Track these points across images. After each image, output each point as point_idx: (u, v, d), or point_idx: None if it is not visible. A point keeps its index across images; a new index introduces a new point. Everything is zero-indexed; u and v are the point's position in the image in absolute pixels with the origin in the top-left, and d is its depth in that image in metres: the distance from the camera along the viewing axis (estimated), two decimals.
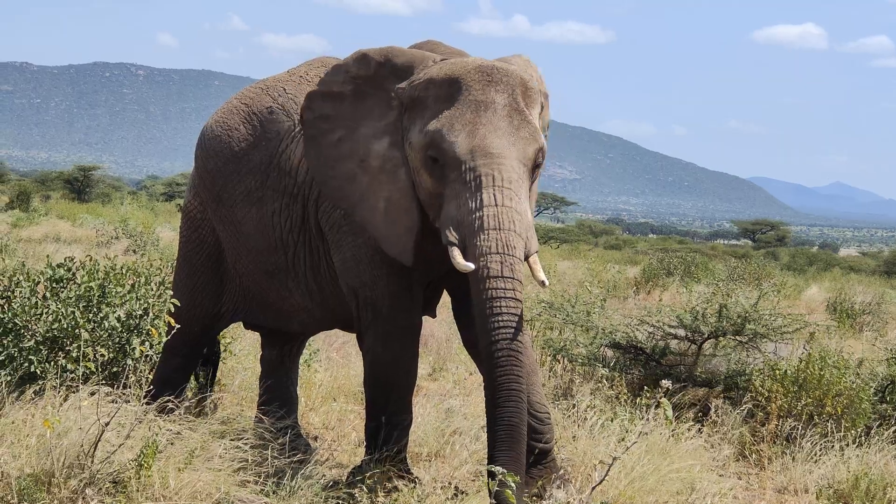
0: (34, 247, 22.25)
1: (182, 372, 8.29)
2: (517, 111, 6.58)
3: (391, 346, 7.18)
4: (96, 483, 6.29)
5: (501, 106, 6.55)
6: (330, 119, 7.19)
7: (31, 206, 37.82)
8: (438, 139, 6.52)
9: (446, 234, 6.48)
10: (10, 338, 8.16)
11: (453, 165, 6.48)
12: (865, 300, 21.83)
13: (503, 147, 6.46)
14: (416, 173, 6.76)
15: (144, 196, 57.48)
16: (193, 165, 8.30)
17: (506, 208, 6.35)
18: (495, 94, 6.56)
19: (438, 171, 6.58)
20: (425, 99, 6.69)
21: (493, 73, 6.61)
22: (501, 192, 6.36)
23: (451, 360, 12.09)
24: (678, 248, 51.65)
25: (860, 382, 9.34)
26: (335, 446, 8.66)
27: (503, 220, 6.33)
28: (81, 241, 26.15)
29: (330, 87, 7.23)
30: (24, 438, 6.73)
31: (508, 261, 6.29)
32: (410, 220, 6.85)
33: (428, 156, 6.59)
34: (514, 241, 6.33)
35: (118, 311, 8.35)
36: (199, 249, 8.18)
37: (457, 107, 6.54)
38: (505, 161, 6.43)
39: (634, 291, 23.69)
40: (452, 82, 6.60)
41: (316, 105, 7.23)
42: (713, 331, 10.39)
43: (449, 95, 6.59)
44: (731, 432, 9.11)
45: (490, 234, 6.30)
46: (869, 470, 8.09)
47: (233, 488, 6.67)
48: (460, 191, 6.45)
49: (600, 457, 7.46)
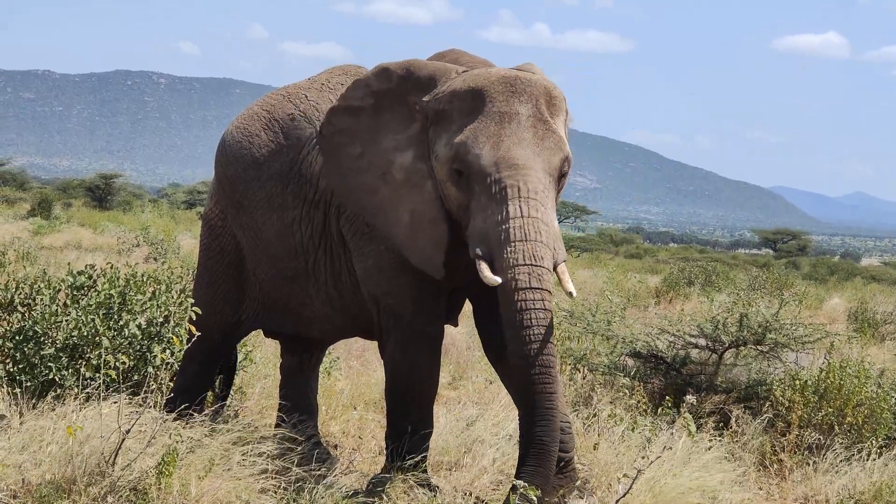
0: (55, 254, 22.34)
1: (202, 379, 8.28)
2: (541, 121, 6.55)
3: (412, 355, 7.15)
4: (117, 490, 6.30)
5: (525, 116, 6.52)
6: (349, 133, 7.17)
7: (53, 213, 37.97)
8: (463, 152, 6.50)
9: (473, 247, 6.46)
10: (30, 345, 8.18)
11: (478, 178, 6.46)
12: (887, 310, 21.74)
13: (528, 158, 6.43)
14: (443, 186, 6.74)
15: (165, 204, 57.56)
16: (214, 173, 8.30)
17: (532, 219, 6.32)
18: (519, 105, 6.53)
19: (464, 184, 6.56)
20: (450, 112, 6.67)
21: (517, 83, 6.57)
22: (527, 202, 6.34)
23: (472, 368, 12.08)
24: (699, 257, 51.55)
25: (881, 392, 9.30)
26: (355, 455, 8.66)
27: (529, 231, 6.30)
28: (102, 248, 26.24)
29: (350, 102, 7.21)
30: (45, 446, 6.75)
31: (537, 272, 6.26)
32: (439, 233, 6.83)
33: (453, 168, 6.58)
34: (541, 252, 6.30)
35: (139, 319, 8.36)
36: (220, 258, 8.19)
37: (481, 119, 6.52)
38: (530, 172, 6.40)
39: (655, 301, 23.67)
40: (476, 94, 6.57)
41: (336, 119, 7.22)
42: (734, 340, 10.35)
43: (473, 107, 6.56)
44: (752, 442, 9.08)
45: (517, 246, 6.27)
46: (891, 480, 8.05)
47: (253, 496, 6.67)
48: (486, 203, 6.43)
49: (622, 468, 7.44)
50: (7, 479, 6.45)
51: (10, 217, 36.32)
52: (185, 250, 25.50)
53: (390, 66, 7.13)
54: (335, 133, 7.20)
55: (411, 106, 6.96)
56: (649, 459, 6.92)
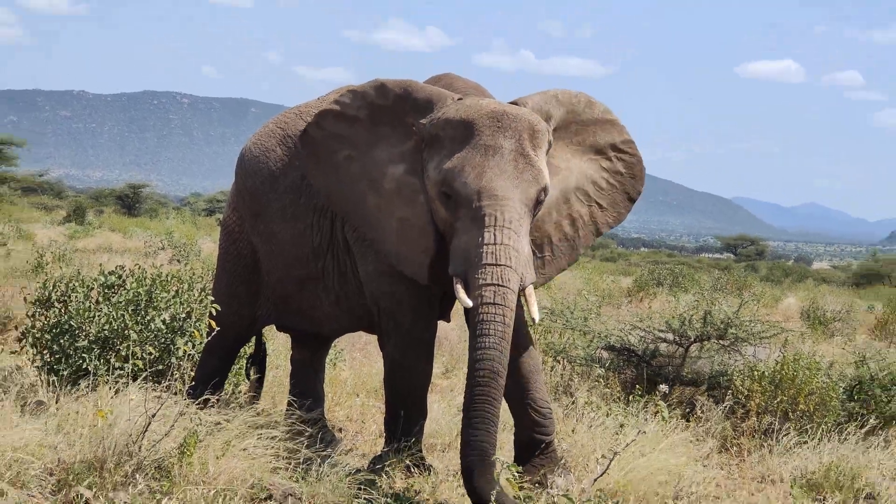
0: (89, 256, 22.29)
1: (220, 369, 8.27)
2: (522, 155, 6.50)
3: (408, 355, 7.15)
4: (143, 469, 6.29)
5: (508, 150, 6.48)
6: (340, 139, 7.08)
7: (87, 219, 37.92)
8: (451, 178, 6.48)
9: (454, 267, 6.45)
10: (66, 338, 8.17)
11: (463, 203, 6.45)
12: (836, 309, 21.78)
13: (507, 189, 6.41)
14: (433, 203, 6.73)
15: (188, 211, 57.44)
16: (233, 183, 8.29)
17: (504, 246, 6.30)
18: (503, 140, 6.48)
19: (451, 206, 6.54)
20: (442, 138, 6.63)
21: (503, 118, 6.53)
22: (502, 231, 6.32)
23: (463, 360, 12.06)
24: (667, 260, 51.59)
25: (830, 382, 9.31)
26: (358, 437, 8.65)
27: (500, 256, 6.28)
28: (131, 251, 26.20)
29: (345, 110, 7.12)
30: (78, 428, 6.75)
31: (501, 291, 6.24)
32: (426, 242, 6.81)
33: (442, 191, 6.56)
34: (508, 275, 6.27)
35: (163, 315, 8.35)
36: (237, 260, 8.17)
37: (468, 149, 6.49)
38: (507, 203, 6.38)
39: (627, 299, 23.66)
40: (466, 125, 6.53)
41: (327, 124, 7.13)
42: (698, 335, 10.37)
43: (463, 137, 6.53)
44: (714, 427, 9.09)
45: (487, 269, 6.26)
46: (839, 462, 8.06)
47: (266, 475, 6.66)
48: (468, 227, 6.42)
49: (598, 449, 7.44)
50: (44, 458, 6.44)
51: (47, 223, 36.23)
52: (206, 253, 25.45)
53: (387, 82, 7.06)
54: (326, 137, 7.12)
55: (406, 124, 6.93)
56: (625, 442, 6.93)
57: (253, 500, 6.47)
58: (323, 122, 7.14)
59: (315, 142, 7.15)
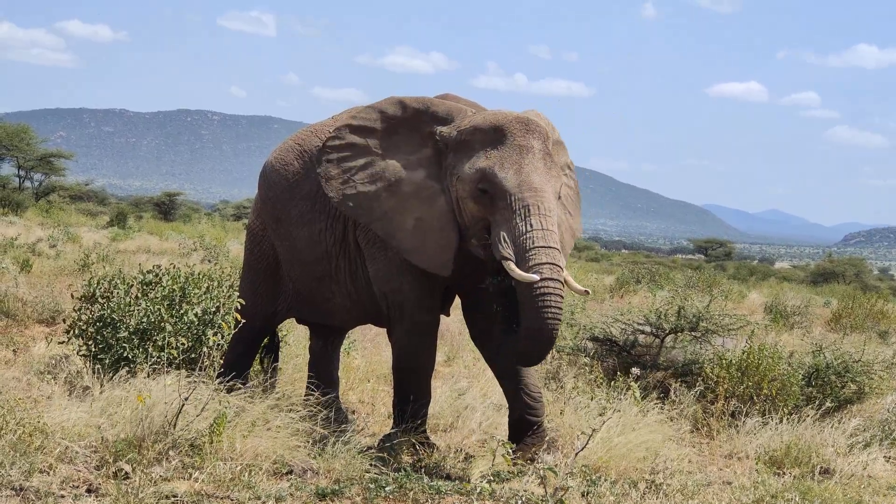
0: (129, 257, 22.28)
1: (246, 358, 8.27)
2: (548, 154, 6.72)
3: (414, 340, 7.18)
4: (177, 447, 6.30)
5: (538, 150, 6.66)
6: (357, 147, 7.13)
7: (127, 224, 37.90)
8: (490, 174, 6.58)
9: (500, 251, 6.52)
10: (108, 329, 8.19)
11: (503, 196, 6.55)
12: (796, 304, 21.75)
13: (542, 183, 6.58)
14: (462, 201, 6.77)
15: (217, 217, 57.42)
16: (257, 193, 8.29)
17: (549, 231, 6.49)
18: (533, 141, 6.66)
19: (487, 200, 6.62)
20: (472, 143, 6.73)
21: (530, 124, 6.71)
22: (546, 218, 6.50)
23: (462, 349, 12.06)
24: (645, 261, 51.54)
25: (791, 370, 9.30)
26: (369, 419, 8.64)
27: (549, 239, 6.46)
28: (167, 252, 26.18)
29: (363, 123, 7.19)
30: (120, 410, 6.76)
31: (556, 269, 6.44)
32: (446, 239, 6.85)
33: (478, 188, 6.63)
34: (557, 256, 6.48)
35: (196, 309, 8.36)
36: (261, 260, 8.18)
37: (503, 149, 6.62)
38: (545, 194, 6.55)
39: (610, 295, 23.65)
40: (497, 129, 6.67)
41: (345, 135, 7.19)
42: (673, 327, 10.34)
43: (494, 140, 6.66)
44: (687, 410, 9.07)
45: (540, 250, 6.42)
46: (798, 440, 8.05)
47: (286, 452, 6.66)
48: (510, 217, 6.52)
49: (582, 429, 7.44)
50: (89, 438, 6.46)
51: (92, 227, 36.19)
52: (233, 254, 25.43)
53: (405, 99, 7.17)
54: (343, 146, 7.16)
55: (424, 134, 6.98)
56: (602, 420, 6.94)
57: (275, 474, 6.47)
58: (342, 134, 7.21)
59: (331, 150, 7.20)
